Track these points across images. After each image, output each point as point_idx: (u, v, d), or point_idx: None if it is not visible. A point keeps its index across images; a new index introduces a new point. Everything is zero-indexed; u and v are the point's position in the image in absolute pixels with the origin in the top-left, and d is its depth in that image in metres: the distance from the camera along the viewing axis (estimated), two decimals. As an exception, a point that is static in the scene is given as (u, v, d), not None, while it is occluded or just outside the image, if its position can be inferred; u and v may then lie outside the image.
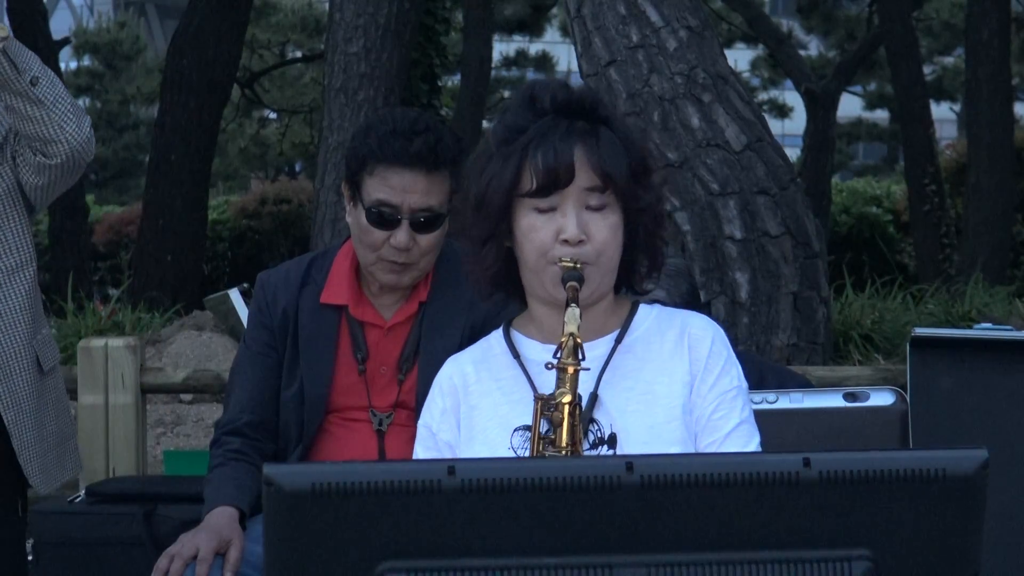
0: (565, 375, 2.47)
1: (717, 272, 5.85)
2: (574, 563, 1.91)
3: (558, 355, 2.47)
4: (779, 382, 3.57)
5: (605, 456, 2.52)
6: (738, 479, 1.91)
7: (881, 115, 31.89)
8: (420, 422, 2.72)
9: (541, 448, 2.52)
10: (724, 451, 2.58)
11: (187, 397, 7.90)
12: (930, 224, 16.83)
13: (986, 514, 1.94)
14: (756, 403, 3.26)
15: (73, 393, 5.46)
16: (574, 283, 2.51)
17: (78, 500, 4.36)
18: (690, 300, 3.58)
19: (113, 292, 17.67)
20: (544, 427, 2.52)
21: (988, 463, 1.92)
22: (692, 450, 2.59)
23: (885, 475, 1.91)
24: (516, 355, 2.66)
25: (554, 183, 2.56)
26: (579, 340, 2.46)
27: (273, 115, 27.42)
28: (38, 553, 4.23)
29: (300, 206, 21.83)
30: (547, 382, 2.55)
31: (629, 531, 1.91)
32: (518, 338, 2.68)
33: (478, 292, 2.74)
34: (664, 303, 3.47)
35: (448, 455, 2.65)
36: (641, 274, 2.70)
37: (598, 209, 2.58)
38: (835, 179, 22.80)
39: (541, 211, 2.57)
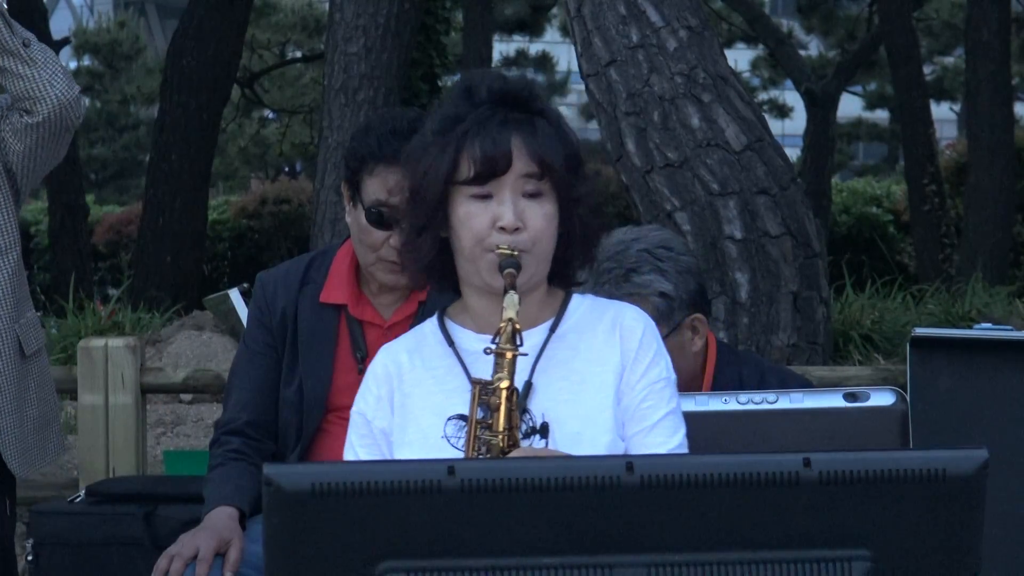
0: (503, 360, 2.51)
1: (717, 272, 5.84)
2: (574, 563, 1.91)
3: (496, 340, 2.51)
4: (779, 382, 3.57)
5: (605, 456, 2.52)
6: (738, 479, 1.91)
7: (881, 115, 31.88)
8: (354, 409, 2.72)
9: (478, 433, 2.55)
10: (650, 441, 2.62)
11: (187, 397, 7.89)
12: (930, 224, 16.83)
13: (986, 514, 1.94)
14: (756, 403, 3.26)
15: (73, 393, 5.47)
16: (511, 270, 2.54)
17: (78, 500, 4.36)
18: (697, 299, 3.57)
19: (113, 292, 17.65)
20: (480, 413, 2.55)
21: (988, 463, 1.92)
22: (622, 439, 2.63)
23: (885, 475, 1.90)
24: (451, 344, 2.67)
25: (492, 171, 2.58)
26: (518, 326, 2.50)
27: (273, 115, 27.40)
28: (38, 553, 4.22)
29: (300, 206, 21.81)
30: (482, 371, 2.58)
31: (629, 531, 1.91)
32: (453, 327, 2.69)
33: (412, 282, 2.76)
34: (670, 297, 3.49)
35: (383, 443, 2.67)
36: (574, 266, 2.72)
37: (534, 196, 2.60)
38: (835, 179, 22.80)
39: (477, 198, 2.59)
